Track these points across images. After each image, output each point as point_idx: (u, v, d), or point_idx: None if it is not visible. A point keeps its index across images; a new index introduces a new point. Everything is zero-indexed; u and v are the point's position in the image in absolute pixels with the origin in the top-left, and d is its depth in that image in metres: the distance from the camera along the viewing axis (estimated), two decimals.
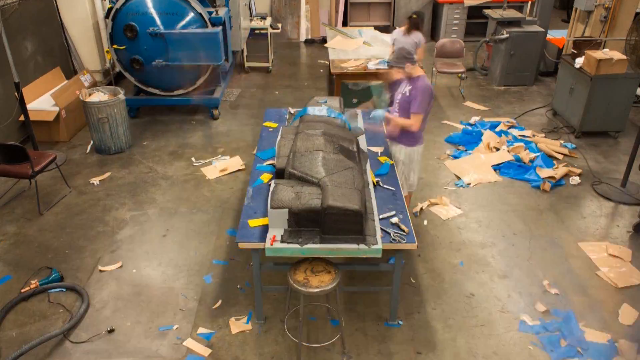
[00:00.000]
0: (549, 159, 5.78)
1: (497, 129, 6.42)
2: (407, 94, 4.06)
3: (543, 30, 7.80)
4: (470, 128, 6.44)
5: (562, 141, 6.22)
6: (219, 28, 6.49)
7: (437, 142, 6.27)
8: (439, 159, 5.91)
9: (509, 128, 6.44)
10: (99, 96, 5.96)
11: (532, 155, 5.79)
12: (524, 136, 6.22)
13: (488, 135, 6.13)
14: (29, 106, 5.83)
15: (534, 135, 6.27)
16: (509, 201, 5.19)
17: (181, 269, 4.27)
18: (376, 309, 3.87)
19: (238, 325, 3.72)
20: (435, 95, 6.17)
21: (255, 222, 3.48)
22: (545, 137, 6.35)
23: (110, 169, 5.73)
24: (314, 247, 3.23)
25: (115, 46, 6.46)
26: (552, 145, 6.06)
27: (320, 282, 3.18)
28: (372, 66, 6.34)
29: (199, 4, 6.49)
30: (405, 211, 3.61)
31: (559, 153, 5.92)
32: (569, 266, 4.32)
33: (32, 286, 3.96)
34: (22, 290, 3.95)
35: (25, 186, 5.38)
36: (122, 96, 5.90)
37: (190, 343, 3.57)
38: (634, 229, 4.72)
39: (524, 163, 5.70)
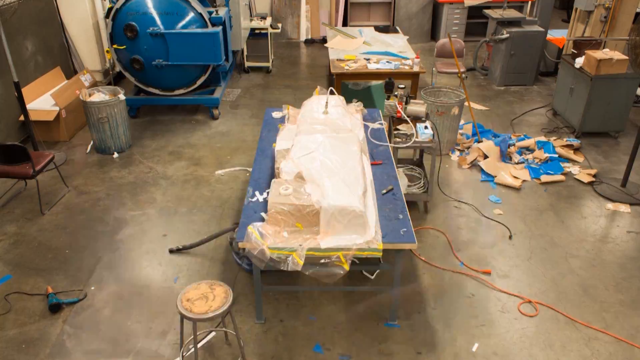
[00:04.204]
0: (559, 164, 5.81)
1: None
2: None
3: (543, 30, 7.80)
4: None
5: (566, 138, 6.26)
6: (219, 28, 6.49)
7: None
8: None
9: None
10: (100, 96, 5.96)
11: (545, 155, 5.81)
12: (526, 148, 6.13)
13: (488, 147, 5.98)
14: (29, 106, 5.83)
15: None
16: (509, 201, 5.19)
17: (181, 269, 4.27)
18: (376, 309, 3.87)
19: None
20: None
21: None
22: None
23: (110, 168, 5.73)
24: (314, 247, 3.23)
25: (115, 46, 6.46)
26: (558, 142, 6.08)
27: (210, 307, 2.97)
28: (372, 66, 6.35)
29: (199, 3, 6.49)
30: (405, 211, 3.61)
31: (567, 148, 5.93)
32: (569, 266, 4.32)
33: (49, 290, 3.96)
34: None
35: (23, 186, 5.37)
36: (122, 96, 5.90)
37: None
38: None
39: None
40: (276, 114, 5.18)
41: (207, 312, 2.93)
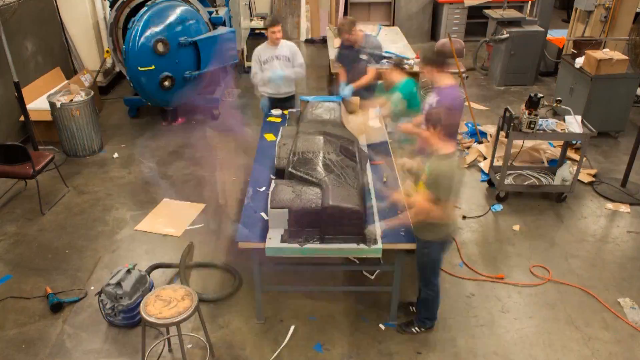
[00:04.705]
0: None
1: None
2: (434, 106, 3.78)
3: (543, 30, 7.79)
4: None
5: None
6: (233, 27, 6.42)
7: None
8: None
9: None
10: (79, 97, 5.88)
11: (550, 154, 5.79)
12: None
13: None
14: (29, 106, 5.82)
15: None
16: (508, 201, 5.18)
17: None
18: (376, 309, 3.86)
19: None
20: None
21: None
22: None
23: (111, 168, 5.72)
24: (314, 247, 3.23)
25: (142, 68, 5.85)
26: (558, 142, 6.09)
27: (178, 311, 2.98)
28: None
29: (199, 3, 6.48)
30: (405, 211, 3.61)
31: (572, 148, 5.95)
32: (569, 266, 4.32)
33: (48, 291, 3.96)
34: None
35: (23, 186, 5.37)
36: (88, 98, 5.79)
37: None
38: None
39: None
40: (276, 112, 5.20)
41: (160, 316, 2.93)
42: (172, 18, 5.99)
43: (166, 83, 5.99)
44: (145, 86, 5.98)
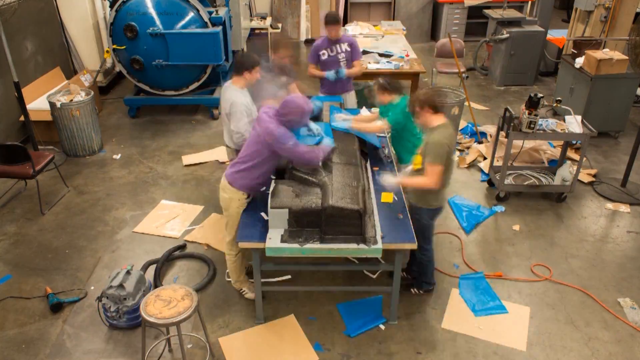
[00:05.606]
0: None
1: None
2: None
3: (543, 30, 7.80)
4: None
5: None
6: (219, 28, 6.49)
7: None
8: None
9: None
10: (79, 97, 5.88)
11: (550, 154, 5.79)
12: None
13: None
14: (29, 106, 5.82)
15: None
16: (509, 201, 5.18)
17: (181, 269, 4.27)
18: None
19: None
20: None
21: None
22: None
23: (111, 168, 5.73)
24: (314, 247, 3.23)
25: (115, 46, 6.45)
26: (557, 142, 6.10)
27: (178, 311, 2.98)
28: (372, 67, 6.34)
29: (199, 3, 6.49)
30: (405, 211, 3.61)
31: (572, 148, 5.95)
32: (569, 266, 4.32)
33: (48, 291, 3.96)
34: None
35: (23, 186, 5.37)
36: (88, 98, 5.82)
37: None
38: None
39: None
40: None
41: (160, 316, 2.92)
42: (152, 8, 6.34)
43: (135, 65, 6.49)
44: (122, 61, 6.67)
